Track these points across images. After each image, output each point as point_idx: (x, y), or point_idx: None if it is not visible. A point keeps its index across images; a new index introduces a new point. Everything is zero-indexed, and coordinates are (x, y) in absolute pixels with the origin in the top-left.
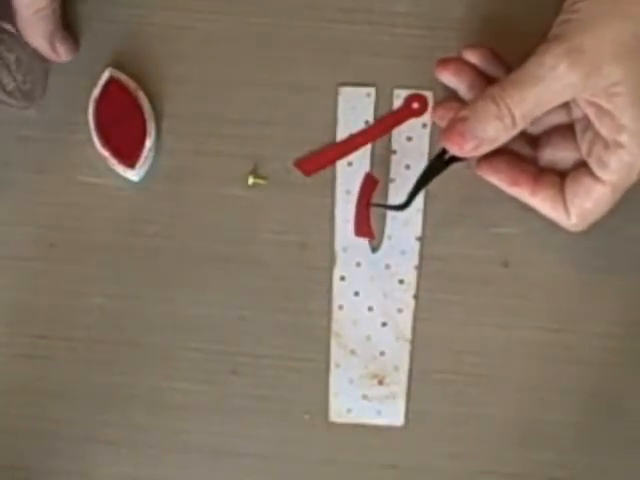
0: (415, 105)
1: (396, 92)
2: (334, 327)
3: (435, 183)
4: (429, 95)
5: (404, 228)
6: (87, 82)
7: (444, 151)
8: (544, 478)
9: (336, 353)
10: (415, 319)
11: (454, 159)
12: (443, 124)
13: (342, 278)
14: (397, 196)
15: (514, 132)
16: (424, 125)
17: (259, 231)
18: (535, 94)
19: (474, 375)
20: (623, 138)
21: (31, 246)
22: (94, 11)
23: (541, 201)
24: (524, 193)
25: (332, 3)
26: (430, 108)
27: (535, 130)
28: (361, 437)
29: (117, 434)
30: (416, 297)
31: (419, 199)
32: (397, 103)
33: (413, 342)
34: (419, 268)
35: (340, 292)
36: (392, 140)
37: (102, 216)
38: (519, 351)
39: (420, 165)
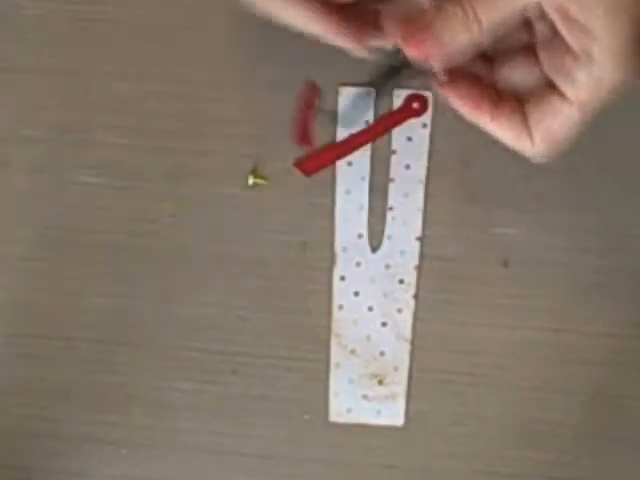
0: (415, 105)
1: (396, 92)
2: (334, 327)
3: (435, 183)
4: (429, 95)
5: (404, 228)
6: (86, 82)
7: (399, 52)
8: (544, 478)
9: (336, 353)
10: (415, 319)
11: (407, 64)
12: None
13: (342, 278)
14: (396, 197)
15: (479, 40)
16: (424, 125)
17: (259, 231)
18: None
19: (474, 375)
20: (594, 50)
21: (31, 246)
22: None
23: (501, 126)
24: (484, 118)
25: None
26: (430, 108)
27: (493, 50)
28: (361, 437)
29: (117, 434)
30: (416, 297)
31: (419, 199)
32: (397, 103)
33: (413, 342)
34: (419, 268)
35: (340, 292)
36: (392, 140)
37: (102, 216)
38: (519, 351)
39: (420, 165)
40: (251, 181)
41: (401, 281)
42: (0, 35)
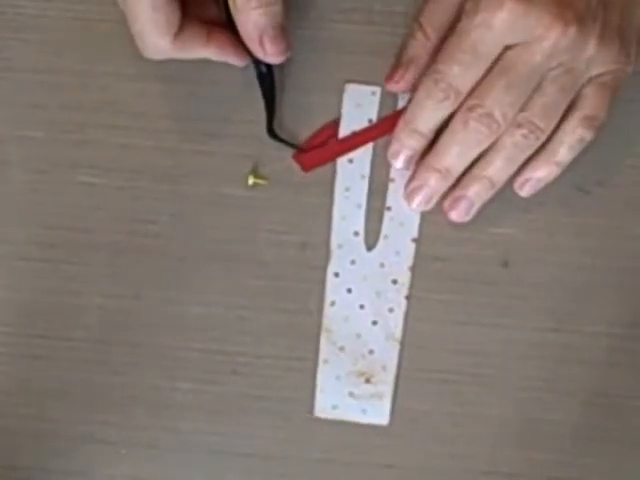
0: None
1: (401, 94)
2: (325, 323)
3: None
4: None
5: (400, 228)
6: (86, 82)
7: (258, 64)
8: (544, 478)
9: (325, 349)
10: (415, 319)
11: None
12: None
13: (336, 274)
14: (396, 196)
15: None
16: None
17: (259, 231)
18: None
19: (473, 375)
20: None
21: (31, 246)
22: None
23: None
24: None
25: (332, 3)
26: None
27: None
28: (361, 437)
29: (117, 434)
30: (408, 298)
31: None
32: (401, 103)
33: (407, 342)
34: (413, 269)
35: (333, 288)
36: None
37: (102, 216)
38: (519, 351)
39: None
40: (251, 181)
41: (394, 281)
42: (0, 35)
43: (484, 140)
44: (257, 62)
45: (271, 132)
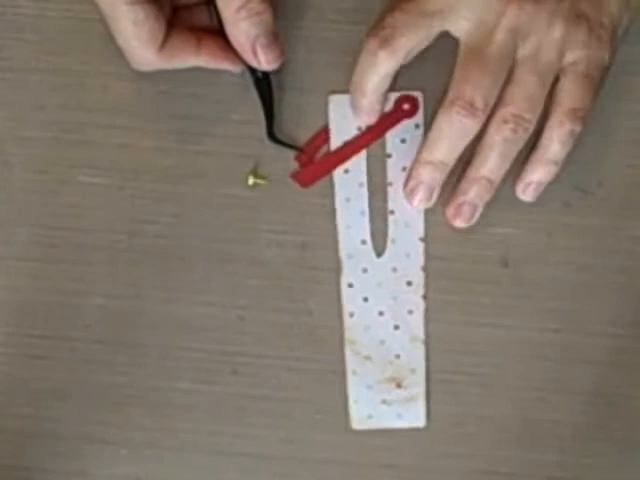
0: (406, 106)
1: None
2: (347, 334)
3: None
4: (419, 95)
5: (406, 230)
6: (86, 82)
7: (253, 70)
8: (544, 478)
9: (351, 360)
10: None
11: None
12: None
13: (350, 285)
14: (397, 198)
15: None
16: (417, 126)
17: (259, 231)
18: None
19: (473, 375)
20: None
21: (31, 246)
22: None
23: None
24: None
25: (331, 3)
26: (421, 108)
27: None
28: (361, 437)
29: (117, 434)
30: (425, 297)
31: None
32: (388, 106)
33: (427, 342)
34: (425, 268)
35: (349, 299)
36: (386, 143)
37: (102, 216)
38: (519, 351)
39: None
40: (251, 181)
41: (409, 283)
42: (0, 35)
43: (470, 130)
44: (252, 69)
45: (271, 135)
